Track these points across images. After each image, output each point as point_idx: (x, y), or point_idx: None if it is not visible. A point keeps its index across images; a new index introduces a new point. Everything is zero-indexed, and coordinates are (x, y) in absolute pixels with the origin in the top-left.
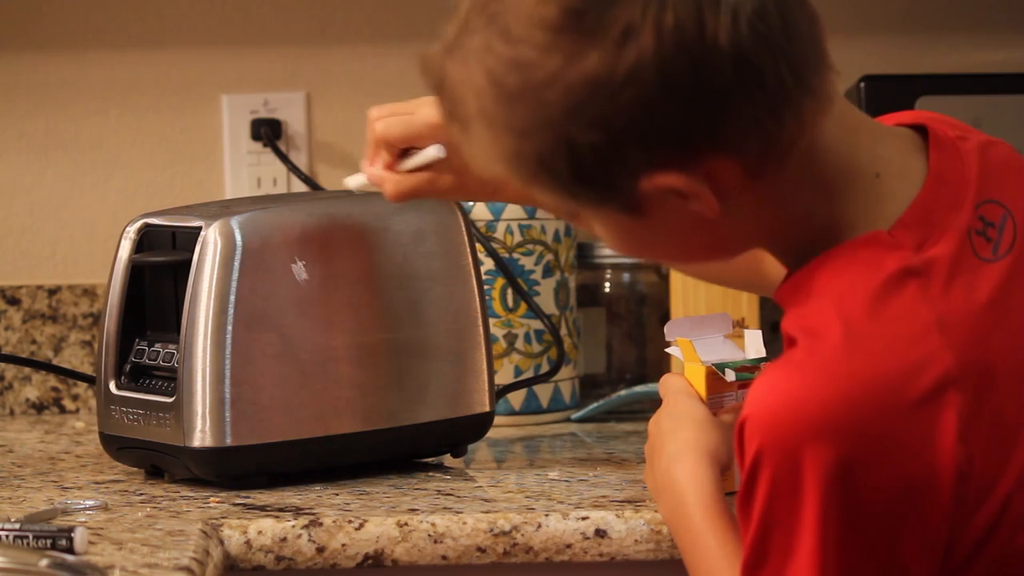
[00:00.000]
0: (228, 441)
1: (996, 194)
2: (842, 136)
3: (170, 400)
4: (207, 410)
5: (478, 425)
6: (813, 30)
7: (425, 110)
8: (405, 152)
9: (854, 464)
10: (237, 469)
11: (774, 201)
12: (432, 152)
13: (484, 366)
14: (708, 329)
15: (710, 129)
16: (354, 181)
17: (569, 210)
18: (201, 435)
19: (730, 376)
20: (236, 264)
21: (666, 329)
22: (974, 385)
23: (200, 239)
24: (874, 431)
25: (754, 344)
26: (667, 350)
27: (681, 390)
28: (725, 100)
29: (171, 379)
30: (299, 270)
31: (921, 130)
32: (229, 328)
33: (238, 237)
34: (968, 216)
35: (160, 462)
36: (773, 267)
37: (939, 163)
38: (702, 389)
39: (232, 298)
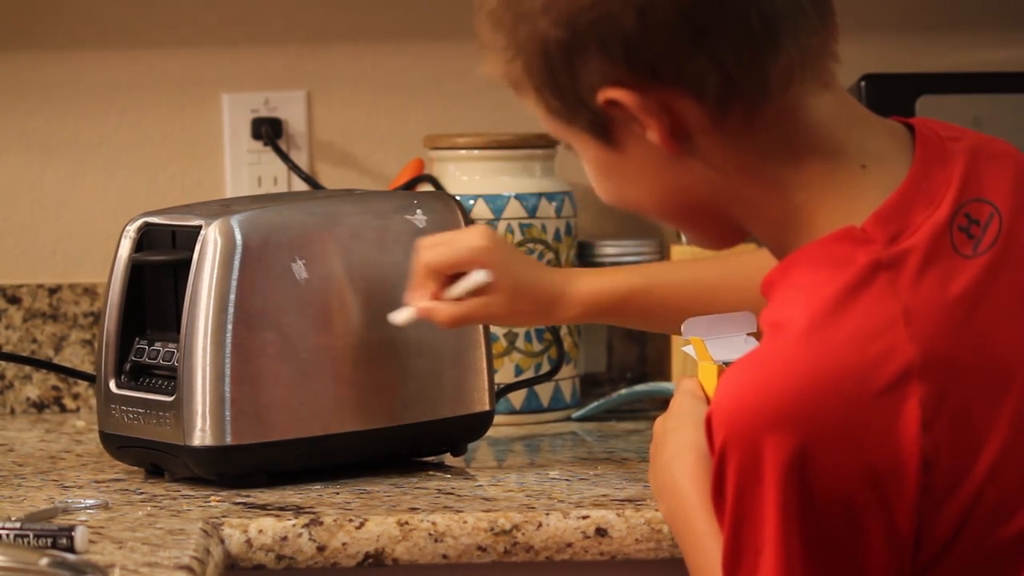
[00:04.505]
0: (228, 440)
1: (985, 192)
2: (833, 122)
3: (170, 399)
4: (207, 409)
5: (478, 424)
6: (806, 2)
7: (471, 232)
8: (452, 280)
9: (812, 453)
10: (237, 468)
11: (746, 160)
12: (478, 277)
13: (484, 365)
14: (729, 328)
15: (668, 52)
16: (400, 316)
17: (561, 133)
18: (201, 434)
19: None
20: (236, 263)
21: (683, 327)
22: (939, 378)
23: (200, 238)
24: (833, 419)
25: None
26: (683, 348)
27: (688, 391)
28: (684, 24)
29: (171, 378)
30: (299, 269)
31: (912, 131)
32: (229, 327)
33: (238, 236)
34: (947, 213)
35: (160, 461)
36: None
37: (922, 161)
38: (713, 388)
39: (232, 297)
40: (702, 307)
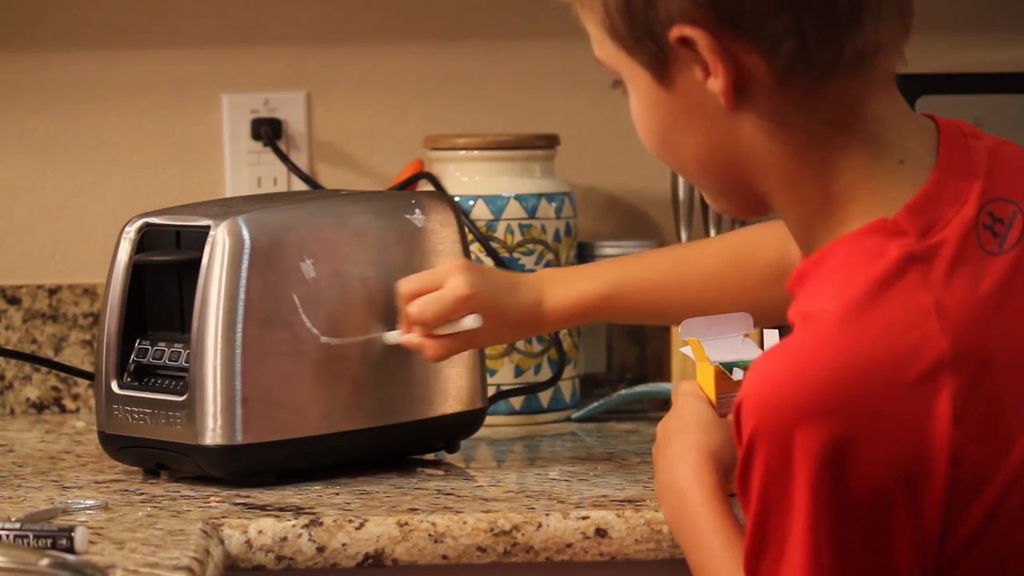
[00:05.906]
0: (239, 439)
1: (1007, 191)
2: (884, 114)
3: (181, 399)
4: (219, 408)
5: (472, 421)
6: None
7: (453, 281)
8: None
9: (844, 445)
10: (248, 466)
11: (796, 133)
12: (470, 322)
13: (476, 363)
14: (726, 328)
15: (755, 4)
16: (392, 337)
17: (613, 62)
18: (213, 433)
19: (738, 376)
20: (245, 263)
21: (681, 328)
22: (970, 371)
23: (209, 238)
24: (866, 411)
25: (772, 344)
26: (681, 349)
27: (689, 392)
28: None
29: (179, 378)
30: (307, 268)
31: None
32: (239, 327)
33: (246, 236)
34: (974, 210)
35: (167, 460)
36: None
37: (947, 157)
38: (711, 389)
39: (242, 296)
40: (669, 308)
